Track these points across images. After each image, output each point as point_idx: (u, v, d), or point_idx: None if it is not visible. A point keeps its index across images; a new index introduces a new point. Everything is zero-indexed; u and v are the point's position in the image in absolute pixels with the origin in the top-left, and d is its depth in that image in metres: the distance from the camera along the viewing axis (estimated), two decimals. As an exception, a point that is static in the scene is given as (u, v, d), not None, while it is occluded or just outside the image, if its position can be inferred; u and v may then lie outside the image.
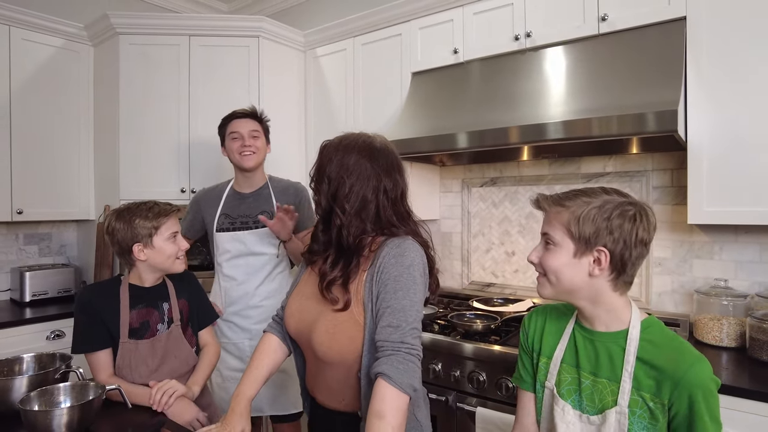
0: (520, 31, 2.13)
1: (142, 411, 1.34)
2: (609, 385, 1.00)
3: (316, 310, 1.16)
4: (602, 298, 1.01)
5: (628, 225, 0.97)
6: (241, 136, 1.96)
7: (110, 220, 1.46)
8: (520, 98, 2.03)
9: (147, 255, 1.45)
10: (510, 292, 2.46)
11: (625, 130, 1.66)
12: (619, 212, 0.97)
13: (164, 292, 1.54)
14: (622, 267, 0.98)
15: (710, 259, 1.97)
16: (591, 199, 1.00)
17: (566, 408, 1.04)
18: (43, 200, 2.68)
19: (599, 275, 0.99)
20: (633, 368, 0.97)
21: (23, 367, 1.43)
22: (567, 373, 1.07)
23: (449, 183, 2.69)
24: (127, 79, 2.61)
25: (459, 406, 1.81)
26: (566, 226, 1.00)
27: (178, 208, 1.54)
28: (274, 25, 2.70)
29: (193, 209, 2.09)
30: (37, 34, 2.64)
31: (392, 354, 1.01)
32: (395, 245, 1.10)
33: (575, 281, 1.00)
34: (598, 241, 0.97)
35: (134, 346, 1.43)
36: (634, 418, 0.97)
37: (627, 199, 1.00)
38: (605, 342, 1.03)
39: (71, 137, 2.80)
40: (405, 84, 2.48)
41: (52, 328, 2.42)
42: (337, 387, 1.16)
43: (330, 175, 1.13)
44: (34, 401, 1.20)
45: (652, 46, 1.83)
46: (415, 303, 1.07)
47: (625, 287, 1.02)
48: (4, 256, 2.81)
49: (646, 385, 0.96)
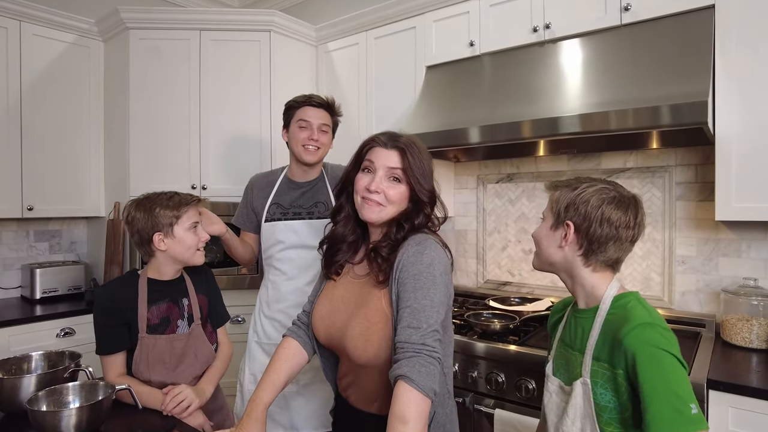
0: (538, 22, 2.07)
1: (153, 412, 1.31)
2: (578, 357, 1.06)
3: (347, 314, 1.14)
4: (575, 272, 1.07)
5: (595, 202, 1.03)
6: (310, 126, 1.79)
7: (130, 209, 1.43)
8: (538, 92, 1.97)
9: (167, 245, 1.42)
10: (527, 291, 2.40)
11: (652, 122, 1.60)
12: (594, 191, 1.04)
13: (183, 286, 1.51)
14: (588, 243, 1.03)
15: (738, 257, 1.90)
16: (581, 183, 1.08)
17: (550, 378, 1.13)
18: (53, 197, 2.66)
19: (567, 248, 1.06)
20: (595, 341, 1.02)
21: (32, 366, 1.40)
22: (560, 349, 1.15)
23: (464, 179, 2.63)
24: (137, 74, 2.58)
25: (476, 407, 1.76)
26: (552, 203, 1.11)
27: (199, 198, 1.51)
28: (285, 19, 2.67)
29: (248, 196, 1.92)
30: (48, 29, 2.62)
31: (413, 356, 0.97)
32: (415, 242, 1.09)
33: (550, 252, 1.10)
34: (567, 215, 1.05)
35: (153, 341, 1.39)
36: (597, 388, 1.00)
37: (613, 187, 1.06)
38: (582, 318, 1.09)
39: (81, 133, 2.78)
40: (419, 78, 2.43)
41: (63, 326, 2.40)
42: (372, 388, 1.13)
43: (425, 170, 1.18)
44: (42, 401, 1.17)
45: (677, 37, 1.76)
46: (435, 303, 1.03)
47: (599, 266, 1.05)
48: (15, 253, 2.80)
49: (604, 354, 1.00)
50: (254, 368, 1.84)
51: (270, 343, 1.84)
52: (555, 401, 1.10)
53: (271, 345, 1.82)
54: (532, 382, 1.66)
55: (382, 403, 1.12)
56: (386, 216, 1.13)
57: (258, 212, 1.88)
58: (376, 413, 1.14)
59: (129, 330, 1.39)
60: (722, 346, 1.75)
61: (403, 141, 1.15)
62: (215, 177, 2.63)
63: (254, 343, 1.87)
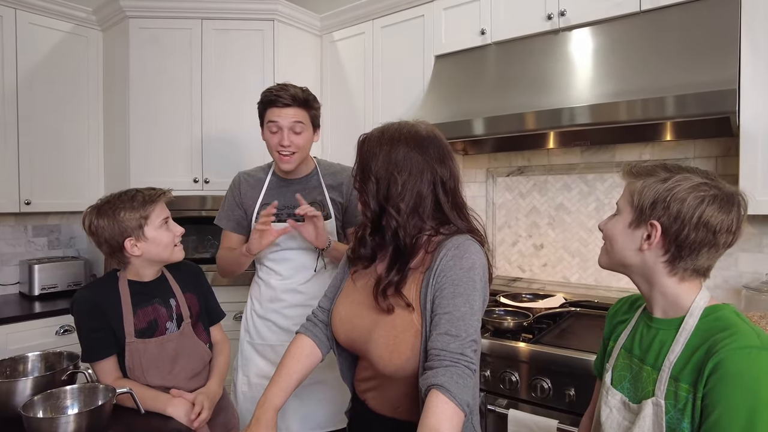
0: (553, 9, 2.00)
1: (156, 416, 1.25)
2: (652, 374, 0.92)
3: (371, 319, 1.07)
4: (656, 279, 0.93)
5: (693, 202, 0.86)
6: (280, 129, 1.63)
7: (91, 218, 1.31)
8: (551, 82, 1.90)
9: (142, 249, 1.33)
10: (538, 287, 2.34)
11: (675, 112, 1.54)
12: (690, 187, 0.87)
13: (166, 285, 1.43)
14: (677, 249, 0.88)
15: (759, 252, 1.84)
16: (669, 173, 0.91)
17: (611, 392, 1.00)
18: (51, 191, 2.60)
19: (649, 252, 0.91)
20: (676, 357, 0.88)
21: (28, 368, 1.34)
22: (623, 359, 1.01)
23: (473, 173, 2.57)
24: (137, 64, 2.52)
25: (489, 408, 1.71)
26: (632, 194, 0.94)
27: (163, 191, 1.40)
28: (289, 8, 2.60)
29: (234, 196, 1.77)
30: (45, 18, 2.55)
31: (451, 366, 0.91)
32: (454, 246, 1.01)
33: (626, 253, 0.95)
34: (654, 213, 0.89)
35: (143, 345, 1.32)
36: (674, 411, 0.87)
37: (713, 182, 0.88)
38: (660, 329, 0.95)
39: (80, 125, 2.71)
40: (428, 68, 2.36)
41: (62, 323, 2.35)
42: (395, 395, 1.07)
43: (377, 173, 1.02)
44: (38, 406, 1.11)
45: (700, 23, 1.69)
46: (474, 311, 0.97)
47: (687, 274, 0.90)
48: (12, 248, 2.74)
49: (686, 374, 0.86)
50: (248, 370, 1.76)
51: (264, 343, 1.75)
52: (616, 418, 0.98)
53: (265, 346, 1.75)
54: (547, 381, 1.61)
55: (405, 408, 1.07)
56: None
57: (248, 212, 1.75)
58: (397, 418, 1.08)
59: (114, 334, 1.32)
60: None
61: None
62: (218, 170, 2.56)
63: (246, 344, 1.79)
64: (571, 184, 2.26)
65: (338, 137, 2.75)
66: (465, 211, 1.09)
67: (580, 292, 2.21)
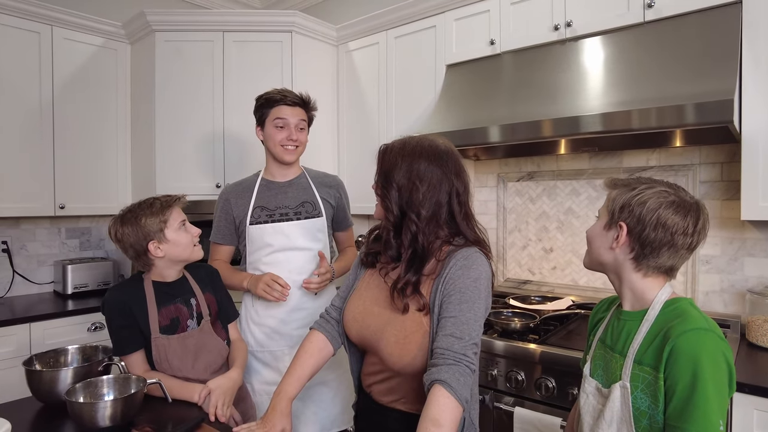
0: (559, 20, 2.06)
1: (182, 405, 1.35)
2: (619, 360, 1.03)
3: (382, 318, 1.16)
4: (625, 275, 1.05)
5: (652, 205, 0.98)
6: (288, 126, 1.75)
7: (116, 227, 1.44)
8: (559, 90, 1.96)
9: (164, 250, 1.44)
10: (547, 289, 2.39)
11: (676, 121, 1.59)
12: (652, 193, 1.00)
13: (187, 286, 1.54)
14: (641, 247, 1.00)
15: (765, 257, 1.87)
16: (640, 184, 1.03)
17: (588, 380, 1.10)
18: (83, 195, 2.75)
19: (618, 250, 1.03)
20: (639, 344, 0.99)
21: (68, 359, 1.46)
22: (599, 350, 1.12)
23: (484, 177, 2.64)
24: (162, 75, 2.64)
25: (496, 405, 1.78)
26: (608, 201, 1.07)
27: (178, 197, 1.52)
28: (306, 20, 2.70)
29: (223, 208, 1.81)
30: (78, 33, 2.70)
31: (454, 364, 1.00)
32: (463, 257, 1.10)
33: (601, 252, 1.07)
34: (621, 216, 1.02)
35: (166, 341, 1.43)
36: (637, 392, 0.97)
37: (674, 191, 1.01)
38: (627, 320, 1.06)
39: (109, 133, 2.86)
40: (439, 77, 2.43)
41: (93, 320, 2.48)
42: (399, 388, 1.16)
43: (400, 182, 1.11)
44: (79, 393, 1.22)
45: (703, 34, 1.73)
46: (478, 318, 1.06)
47: (651, 271, 1.02)
48: (48, 249, 2.90)
49: (648, 358, 0.97)
50: (250, 377, 1.76)
51: (263, 350, 1.77)
52: (591, 403, 1.08)
53: (264, 352, 1.77)
54: (552, 380, 1.67)
55: (408, 399, 1.15)
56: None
57: (239, 217, 1.79)
58: (400, 409, 1.17)
59: (141, 331, 1.43)
60: (747, 348, 1.72)
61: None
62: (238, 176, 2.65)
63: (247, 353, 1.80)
64: (579, 189, 2.31)
65: (353, 141, 2.84)
66: (473, 221, 1.18)
67: (588, 294, 2.26)
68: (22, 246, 2.81)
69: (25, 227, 2.82)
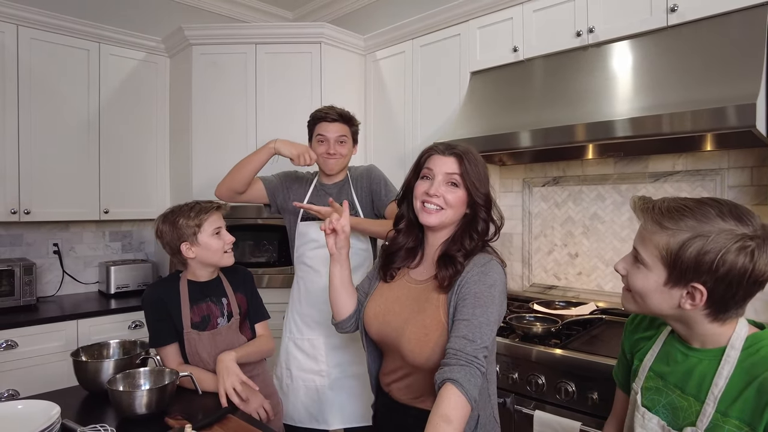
0: (582, 26, 2.07)
1: (212, 397, 1.44)
2: (694, 404, 0.90)
3: (403, 317, 1.21)
4: (696, 326, 0.91)
5: (743, 262, 0.80)
6: (327, 140, 1.92)
7: (158, 224, 1.56)
8: (583, 96, 1.97)
9: (195, 252, 1.54)
10: (573, 295, 2.39)
11: (699, 126, 1.57)
12: (734, 247, 0.81)
13: (221, 286, 1.63)
14: (722, 305, 0.85)
15: (796, 263, 1.82)
16: (699, 224, 0.84)
17: (647, 415, 0.98)
18: (125, 201, 2.92)
19: (691, 309, 0.87)
20: (721, 392, 0.86)
21: (110, 352, 1.59)
22: (653, 382, 1.00)
23: (509, 183, 2.65)
24: (198, 86, 2.78)
25: (517, 408, 1.79)
26: (660, 251, 0.87)
27: (219, 204, 1.61)
28: (335, 31, 2.79)
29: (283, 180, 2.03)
30: (123, 48, 2.88)
31: (465, 365, 1.04)
32: (480, 263, 1.16)
33: (663, 307, 0.91)
34: (697, 276, 0.83)
35: (197, 336, 1.53)
36: None
37: (747, 230, 0.82)
38: (699, 358, 0.92)
39: (150, 143, 3.03)
40: (464, 84, 2.47)
41: (134, 319, 2.64)
42: (417, 385, 1.21)
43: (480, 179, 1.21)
44: (119, 382, 1.33)
45: (727, 37, 1.71)
46: (490, 323, 1.10)
47: (728, 318, 0.88)
48: (93, 251, 3.09)
49: (736, 410, 0.83)
50: (290, 364, 1.92)
51: (302, 338, 1.93)
52: None
53: (303, 340, 1.92)
54: (572, 384, 1.68)
55: (426, 398, 1.20)
56: (446, 219, 1.19)
57: (291, 211, 1.98)
58: (418, 407, 1.21)
59: (174, 326, 1.53)
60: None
61: (460, 149, 1.21)
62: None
63: (287, 340, 1.96)
64: (604, 194, 2.30)
65: (380, 146, 2.90)
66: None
67: (614, 300, 2.24)
68: (71, 248, 3.00)
69: (74, 230, 3.01)
